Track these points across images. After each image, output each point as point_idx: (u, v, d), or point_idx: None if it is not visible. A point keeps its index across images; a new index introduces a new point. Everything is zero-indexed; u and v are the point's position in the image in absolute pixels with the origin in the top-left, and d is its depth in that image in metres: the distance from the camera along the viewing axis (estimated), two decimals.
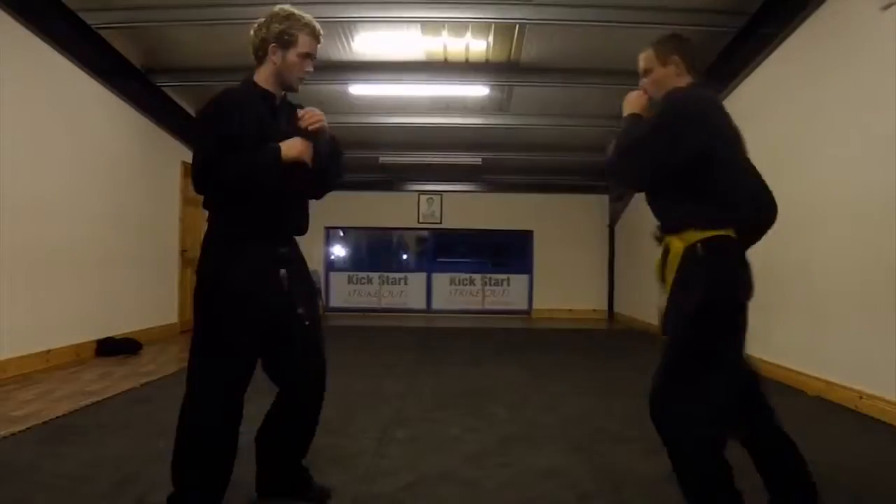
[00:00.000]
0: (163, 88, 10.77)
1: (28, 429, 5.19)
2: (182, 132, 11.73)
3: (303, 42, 3.67)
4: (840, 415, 6.13)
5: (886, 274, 5.87)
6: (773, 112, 8.08)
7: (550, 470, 4.32)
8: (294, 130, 3.74)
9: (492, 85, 10.90)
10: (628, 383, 7.86)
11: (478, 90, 11.17)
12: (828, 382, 6.73)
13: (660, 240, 3.35)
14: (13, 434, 5.03)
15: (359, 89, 11.10)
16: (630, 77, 10.32)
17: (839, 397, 6.48)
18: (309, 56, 3.74)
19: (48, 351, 7.88)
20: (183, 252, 12.03)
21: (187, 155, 12.03)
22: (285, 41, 3.64)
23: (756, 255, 8.09)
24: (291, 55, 3.67)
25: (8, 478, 4.10)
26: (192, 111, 12.00)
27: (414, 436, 4.92)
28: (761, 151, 8.21)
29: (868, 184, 6.21)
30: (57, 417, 5.59)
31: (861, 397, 6.17)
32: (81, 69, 8.59)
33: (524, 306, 17.39)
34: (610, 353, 10.30)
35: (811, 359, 7.11)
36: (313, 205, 3.91)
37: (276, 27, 3.64)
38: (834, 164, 6.83)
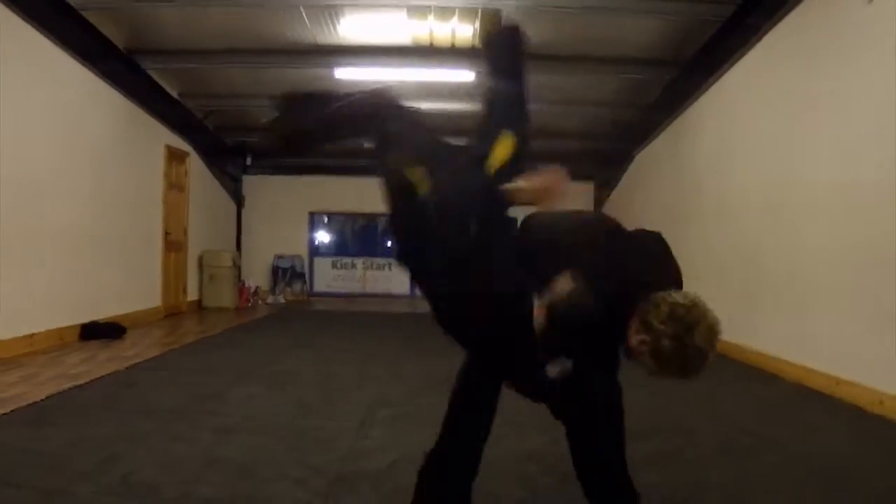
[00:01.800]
0: (147, 71, 10.71)
1: (12, 411, 5.18)
2: (166, 116, 11.71)
3: (661, 367, 2.84)
4: (817, 400, 6.20)
5: (865, 262, 5.94)
6: (759, 101, 8.11)
7: (532, 452, 4.35)
8: None
9: (478, 71, 10.89)
10: None
11: (464, 75, 11.16)
12: (806, 369, 6.80)
13: None
14: None
15: (344, 73, 11.06)
16: (613, 64, 10.39)
17: (817, 383, 6.55)
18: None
19: (32, 335, 7.86)
20: (166, 235, 12.02)
21: (171, 138, 12.09)
22: (655, 356, 2.83)
23: (738, 241, 8.19)
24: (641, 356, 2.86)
25: None
26: (175, 94, 11.98)
27: (397, 417, 4.95)
28: (746, 141, 8.33)
29: (851, 175, 6.25)
30: (41, 400, 5.58)
31: (837, 383, 6.24)
32: (64, 51, 8.54)
33: None
34: None
35: (790, 346, 7.17)
36: (297, 189, 3.87)
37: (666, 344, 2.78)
38: (817, 155, 6.86)
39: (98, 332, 9.00)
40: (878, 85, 5.86)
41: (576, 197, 3.57)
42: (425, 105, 12.23)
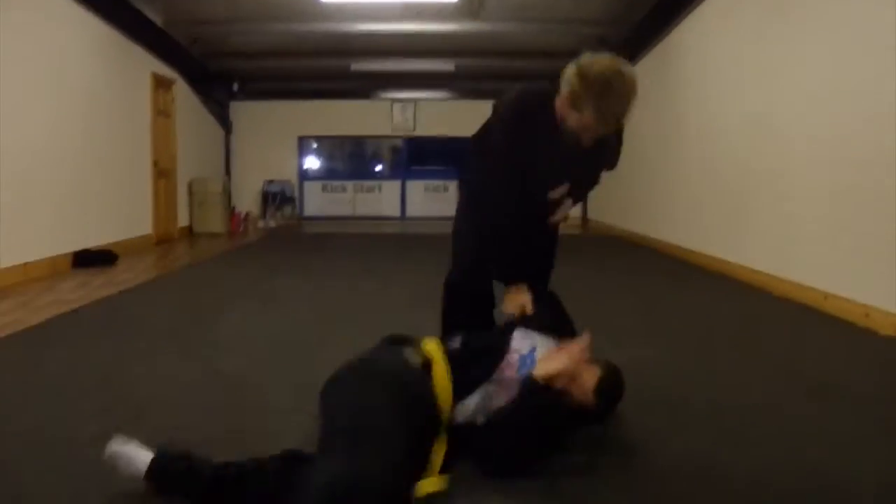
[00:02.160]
0: (131, 1, 10.60)
1: (10, 335, 5.27)
2: (152, 44, 11.64)
3: (586, 120, 3.22)
4: (805, 314, 6.25)
5: (852, 178, 5.97)
6: (744, 15, 8.09)
7: None
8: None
9: None
10: (598, 281, 8.01)
11: None
12: (794, 284, 6.85)
13: None
14: None
15: None
16: None
17: (805, 298, 6.60)
18: (587, 133, 3.29)
19: (25, 264, 7.91)
20: (155, 163, 12.02)
21: (158, 66, 12.04)
22: (575, 104, 3.22)
23: (728, 161, 8.24)
24: (573, 119, 3.26)
25: None
26: (159, 22, 11.88)
27: (388, 331, 5.03)
28: (733, 56, 8.32)
29: (838, 88, 6.26)
30: (38, 324, 5.66)
31: (826, 297, 6.29)
32: None
33: None
34: (583, 256, 10.43)
35: (779, 261, 7.23)
36: (285, 114, 3.92)
37: (574, 83, 3.20)
38: (803, 68, 6.87)
39: (91, 259, 9.06)
40: (864, 9, 5.88)
41: None
42: (411, 26, 12.19)
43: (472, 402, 2.93)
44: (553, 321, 3.39)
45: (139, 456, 2.57)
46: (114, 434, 2.67)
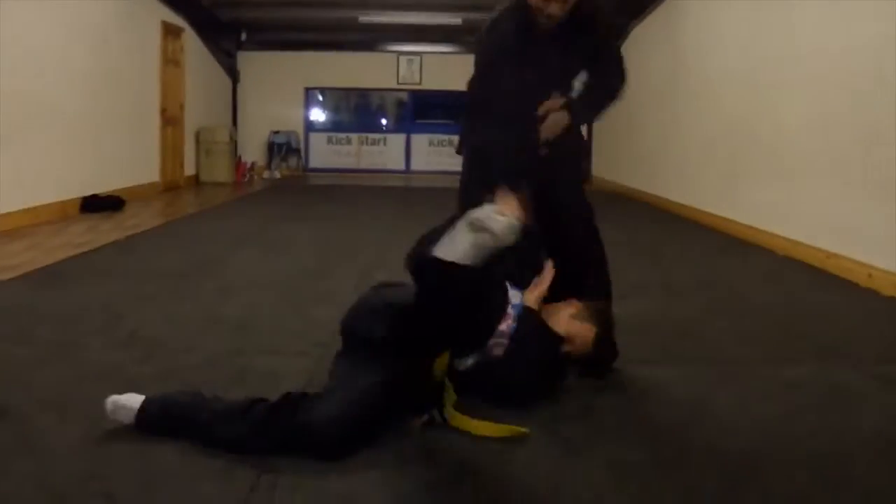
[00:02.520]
0: None
1: (21, 276, 5.36)
2: None
3: None
4: (808, 273, 6.28)
5: (855, 136, 5.98)
6: None
7: None
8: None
9: None
10: (602, 237, 8.07)
11: None
12: (796, 242, 6.86)
13: None
14: (6, 280, 5.18)
15: None
16: None
17: (807, 256, 6.61)
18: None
19: (34, 207, 7.98)
20: (163, 111, 12.04)
21: (167, 14, 12.02)
22: None
23: (727, 117, 8.25)
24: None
25: (6, 315, 4.29)
26: None
27: (393, 277, 5.10)
28: (738, 13, 8.32)
29: (841, 44, 6.26)
30: (49, 265, 5.76)
31: (828, 257, 6.30)
32: None
33: None
34: None
35: (780, 219, 7.24)
36: (292, 65, 3.93)
37: None
38: (804, 25, 6.88)
39: (99, 204, 9.12)
40: None
41: None
42: None
43: (470, 359, 3.01)
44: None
45: (135, 400, 2.65)
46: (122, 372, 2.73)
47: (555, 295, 3.23)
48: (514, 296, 3.12)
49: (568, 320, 3.12)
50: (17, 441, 2.58)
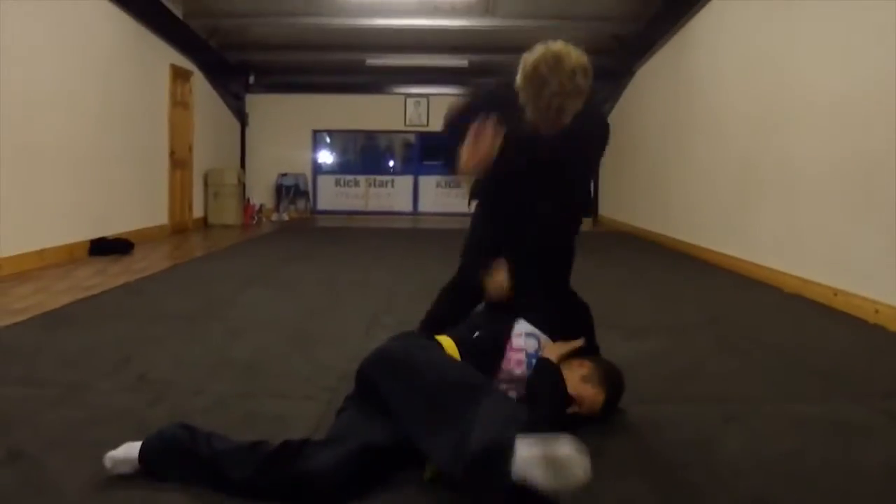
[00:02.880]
0: None
1: (30, 318, 5.36)
2: (170, 35, 11.75)
3: (531, 113, 3.19)
4: (815, 310, 6.27)
5: (861, 172, 6.00)
6: (756, 10, 8.12)
7: None
8: None
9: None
10: (611, 276, 8.06)
11: None
12: (804, 280, 6.87)
13: None
14: (15, 323, 5.19)
15: None
16: None
17: (814, 293, 6.62)
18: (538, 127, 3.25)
19: (42, 250, 8.00)
20: (172, 154, 12.12)
21: (176, 57, 12.12)
22: (524, 100, 3.18)
23: (737, 152, 8.28)
24: (529, 115, 3.21)
25: (15, 358, 4.29)
26: (179, 14, 12.01)
27: (401, 321, 5.10)
28: (742, 50, 8.37)
29: (846, 81, 6.30)
30: (56, 308, 5.76)
31: (835, 294, 6.30)
32: None
33: None
34: (594, 251, 10.48)
35: (787, 257, 7.26)
36: (300, 107, 3.95)
37: (518, 78, 3.19)
38: (812, 61, 6.91)
39: (107, 247, 9.15)
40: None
41: None
42: (425, 21, 12.28)
43: None
44: (551, 316, 3.41)
45: (132, 448, 2.63)
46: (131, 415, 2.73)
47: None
48: (530, 344, 3.15)
49: (578, 382, 3.11)
50: (27, 483, 2.58)
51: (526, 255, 3.44)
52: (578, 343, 3.28)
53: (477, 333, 3.25)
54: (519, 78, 3.16)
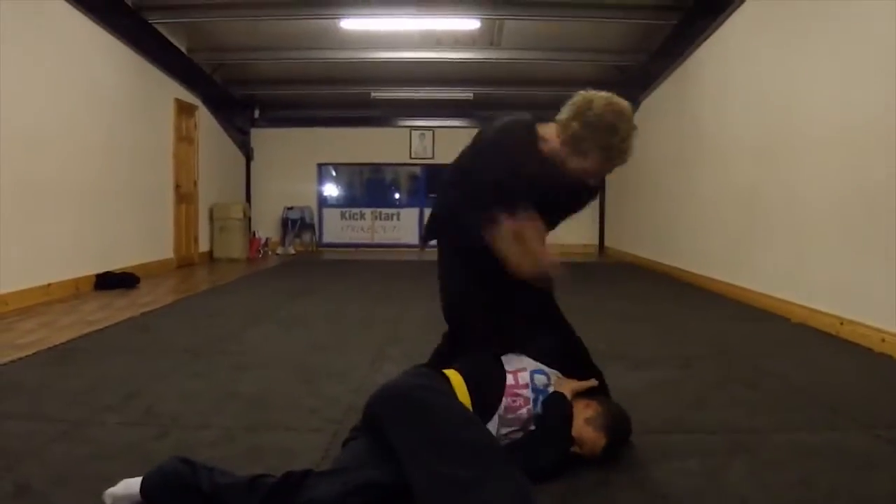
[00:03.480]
0: (155, 25, 10.79)
1: (34, 353, 5.36)
2: (175, 70, 11.83)
3: (591, 162, 3.21)
4: (822, 340, 6.26)
5: (866, 203, 6.01)
6: (760, 43, 8.16)
7: None
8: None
9: (482, 18, 10.95)
10: (615, 307, 8.05)
11: (468, 23, 11.23)
12: (810, 310, 6.86)
13: None
14: (20, 358, 5.19)
15: (350, 24, 11.14)
16: (622, 10, 10.41)
17: (821, 323, 6.61)
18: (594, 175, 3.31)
19: (48, 285, 8.03)
20: (177, 188, 12.17)
21: (181, 92, 12.18)
22: (577, 149, 3.20)
23: (741, 184, 8.28)
24: (575, 163, 3.23)
25: (21, 393, 4.30)
26: (183, 49, 12.10)
27: (407, 353, 5.10)
28: (748, 83, 8.40)
29: (850, 113, 6.31)
30: (61, 343, 5.76)
31: (842, 323, 6.30)
32: (74, 7, 8.63)
33: None
34: (599, 282, 10.50)
35: (794, 286, 7.25)
36: (305, 141, 3.92)
37: (574, 126, 3.18)
38: (815, 94, 6.93)
39: (113, 281, 9.17)
40: (872, 27, 5.94)
41: None
42: (429, 54, 12.37)
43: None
44: (555, 351, 3.41)
45: (131, 485, 2.64)
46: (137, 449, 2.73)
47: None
48: (539, 379, 3.15)
49: (582, 424, 3.11)
50: None
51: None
52: (593, 383, 3.28)
53: (476, 367, 3.24)
54: (577, 128, 3.16)
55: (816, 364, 5.43)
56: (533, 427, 3.12)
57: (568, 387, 3.18)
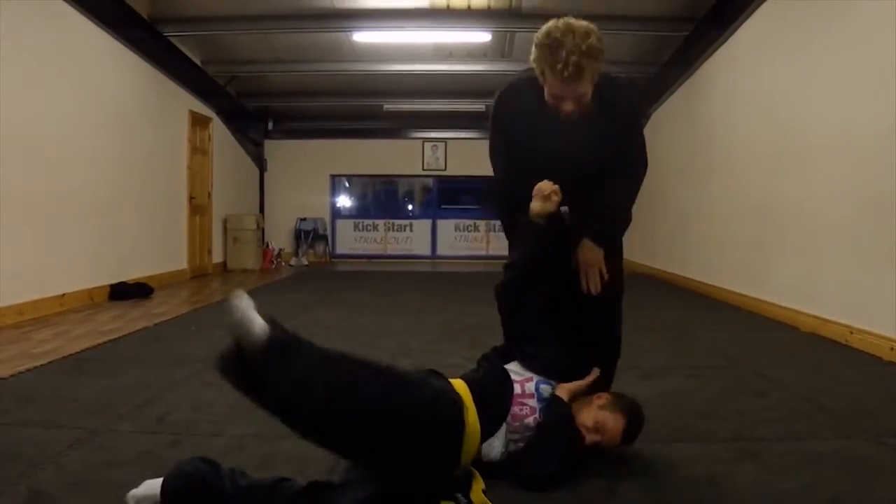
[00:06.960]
0: (169, 38, 10.90)
1: (49, 363, 5.41)
2: (189, 82, 11.91)
3: (550, 83, 3.18)
4: (831, 349, 6.26)
5: (875, 213, 6.01)
6: (770, 54, 8.18)
7: None
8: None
9: (494, 31, 11.01)
10: (628, 317, 8.06)
11: (480, 36, 11.29)
12: (821, 319, 6.87)
13: None
14: (35, 367, 5.24)
15: (362, 37, 11.22)
16: (631, 23, 10.42)
17: (831, 332, 6.62)
18: (560, 98, 3.20)
19: (62, 295, 8.09)
20: (191, 199, 12.24)
21: (195, 104, 12.25)
22: (540, 73, 3.19)
23: (752, 194, 8.27)
24: (546, 92, 3.22)
25: (35, 402, 4.33)
26: (198, 61, 12.19)
27: (418, 364, 5.11)
28: (758, 93, 8.42)
29: (859, 124, 6.33)
30: (76, 353, 5.81)
31: (851, 332, 6.31)
32: (89, 19, 8.71)
33: None
34: None
35: (804, 296, 7.26)
36: (318, 153, 3.95)
37: (533, 52, 3.18)
38: (825, 104, 6.94)
39: (127, 292, 9.23)
40: (880, 36, 5.96)
41: None
42: (441, 66, 12.43)
43: (497, 443, 3.05)
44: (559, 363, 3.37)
45: (153, 486, 2.67)
46: (151, 457, 2.76)
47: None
48: (545, 389, 3.17)
49: (597, 410, 3.13)
50: None
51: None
52: (593, 377, 3.30)
53: (484, 377, 3.28)
54: (532, 51, 3.16)
55: (825, 373, 5.43)
56: None
57: (565, 389, 3.20)
